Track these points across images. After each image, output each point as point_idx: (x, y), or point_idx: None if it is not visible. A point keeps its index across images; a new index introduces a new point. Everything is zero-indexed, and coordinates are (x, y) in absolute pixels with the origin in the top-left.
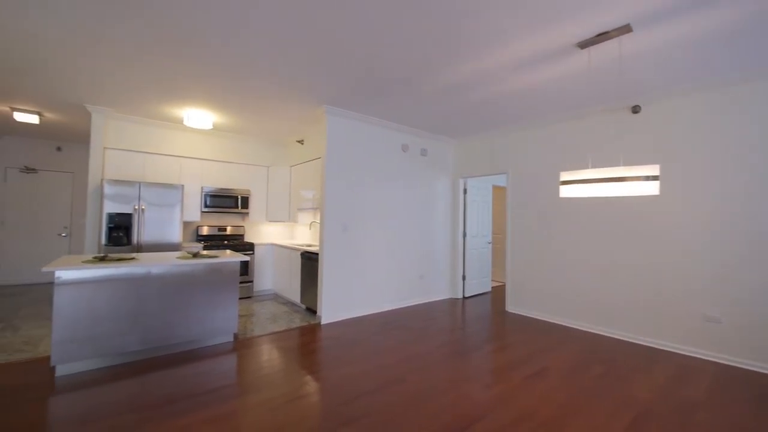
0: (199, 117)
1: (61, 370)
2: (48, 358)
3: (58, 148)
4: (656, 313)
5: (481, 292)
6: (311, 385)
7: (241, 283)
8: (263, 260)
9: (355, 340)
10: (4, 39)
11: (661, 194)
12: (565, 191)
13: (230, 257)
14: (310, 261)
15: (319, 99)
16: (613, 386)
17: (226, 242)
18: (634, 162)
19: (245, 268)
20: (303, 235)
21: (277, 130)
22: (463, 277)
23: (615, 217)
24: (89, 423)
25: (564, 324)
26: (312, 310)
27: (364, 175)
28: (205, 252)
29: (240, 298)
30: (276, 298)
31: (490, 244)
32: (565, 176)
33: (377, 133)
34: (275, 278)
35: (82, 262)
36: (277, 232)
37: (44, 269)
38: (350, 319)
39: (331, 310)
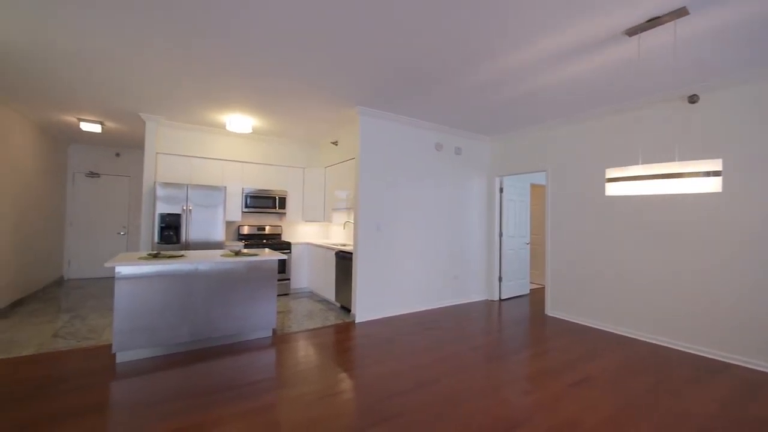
0: (239, 122)
1: (120, 357)
2: (110, 346)
3: (117, 154)
4: (715, 320)
5: (518, 294)
6: (346, 383)
7: (278, 280)
8: (299, 259)
9: (389, 339)
10: (75, 58)
11: (724, 191)
12: (612, 189)
13: (269, 256)
14: (344, 260)
15: (352, 100)
16: (667, 399)
17: (264, 241)
18: (690, 157)
19: (283, 266)
20: (337, 234)
21: (312, 132)
22: (500, 279)
23: (668, 216)
24: (144, 407)
25: (609, 330)
26: (346, 308)
27: (398, 175)
28: (245, 250)
29: (278, 295)
30: (312, 295)
31: (529, 245)
32: (612, 173)
33: (410, 132)
34: (311, 276)
35: (138, 258)
36: (313, 232)
37: (106, 265)
38: (384, 318)
39: (365, 308)
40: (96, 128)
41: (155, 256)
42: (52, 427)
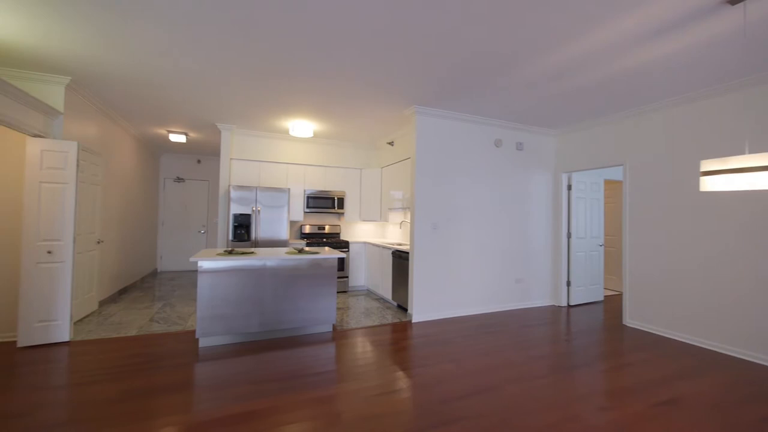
0: (302, 127)
1: (202, 342)
2: (193, 332)
3: (198, 161)
4: None
5: (590, 300)
6: (404, 381)
7: (337, 278)
8: (357, 257)
9: (446, 340)
10: (169, 82)
11: None
12: (710, 183)
13: (329, 254)
14: (400, 259)
15: (409, 100)
16: None
17: (324, 240)
18: None
19: (341, 264)
20: (393, 234)
21: (368, 133)
22: (568, 283)
23: None
24: (221, 389)
25: (704, 346)
26: (403, 308)
27: (455, 174)
28: (307, 248)
29: (337, 292)
30: (369, 294)
31: (602, 247)
32: (709, 165)
33: (468, 129)
34: (368, 275)
35: (216, 254)
36: (370, 231)
37: (191, 259)
38: (441, 319)
39: (422, 308)
40: (181, 139)
41: (230, 253)
42: (149, 398)
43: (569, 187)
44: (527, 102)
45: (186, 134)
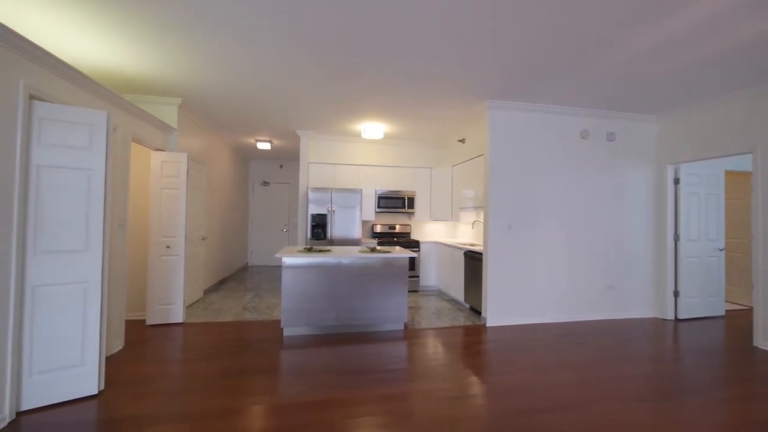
0: (373, 129)
1: (286, 332)
2: (279, 321)
3: (281, 166)
4: None
5: (706, 315)
6: (477, 387)
7: (408, 277)
8: (427, 257)
9: (524, 348)
10: (258, 96)
11: None
12: None
13: (400, 253)
14: (473, 260)
15: (480, 94)
16: None
17: (395, 239)
18: None
19: (412, 263)
20: (465, 233)
21: (438, 132)
22: (675, 293)
23: None
24: (303, 375)
25: None
26: (476, 310)
27: (532, 169)
28: (379, 247)
29: (408, 292)
30: (440, 294)
31: (723, 252)
32: None
33: (547, 121)
34: (439, 275)
35: (297, 251)
36: (440, 231)
37: (276, 256)
38: (518, 325)
39: (497, 313)
40: (267, 146)
41: (309, 250)
42: (243, 378)
43: (676, 181)
44: (623, 84)
45: (270, 142)
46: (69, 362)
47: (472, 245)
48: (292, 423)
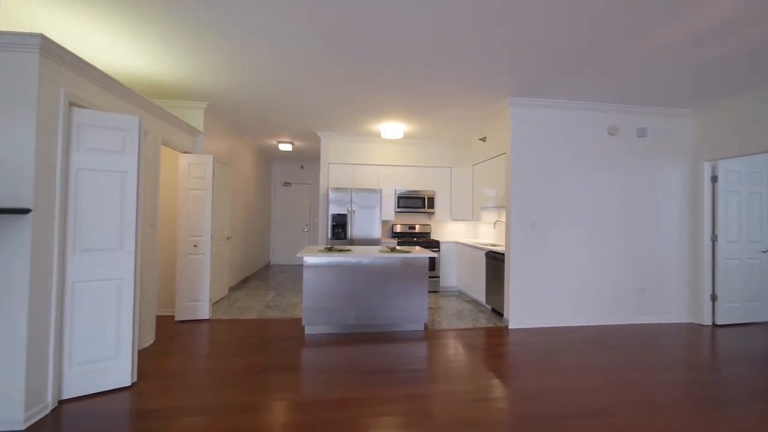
0: (392, 129)
1: (307, 330)
2: (300, 320)
3: (302, 167)
4: None
5: (748, 321)
6: (500, 390)
7: (428, 277)
8: (448, 257)
9: (548, 352)
10: (279, 98)
11: None
12: None
13: (420, 253)
14: (495, 261)
15: (502, 92)
16: None
17: (415, 239)
18: None
19: (432, 264)
20: (486, 234)
21: (459, 130)
22: (713, 297)
23: None
24: (324, 373)
25: None
26: (498, 312)
27: (556, 167)
28: (399, 247)
29: (428, 292)
30: (460, 295)
31: (766, 254)
32: None
33: (572, 117)
34: (459, 275)
35: (318, 251)
36: (461, 231)
37: (298, 255)
38: (542, 328)
39: (520, 315)
40: (288, 147)
41: (329, 250)
42: (266, 374)
43: (714, 179)
44: (657, 77)
45: (292, 143)
46: (105, 355)
47: (493, 245)
48: (312, 420)
